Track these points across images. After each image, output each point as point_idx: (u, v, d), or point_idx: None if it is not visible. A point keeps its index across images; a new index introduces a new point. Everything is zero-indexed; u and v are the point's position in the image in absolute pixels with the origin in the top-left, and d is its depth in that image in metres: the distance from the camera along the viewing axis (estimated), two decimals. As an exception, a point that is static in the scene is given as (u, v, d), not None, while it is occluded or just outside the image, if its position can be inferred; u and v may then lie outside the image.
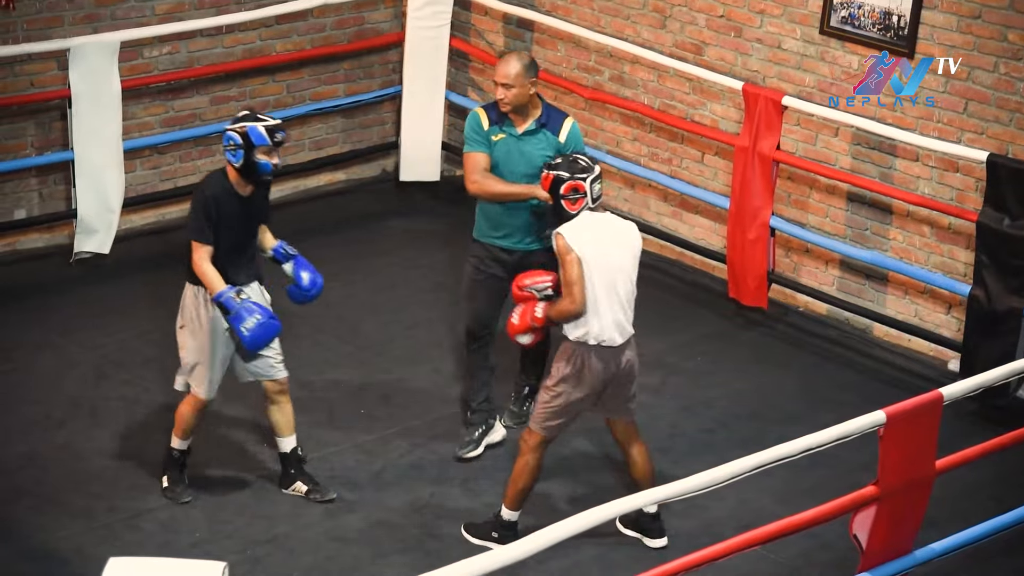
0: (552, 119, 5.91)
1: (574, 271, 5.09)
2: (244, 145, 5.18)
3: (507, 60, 5.90)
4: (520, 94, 5.84)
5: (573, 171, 5.20)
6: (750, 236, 7.07)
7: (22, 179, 7.34)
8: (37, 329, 6.76)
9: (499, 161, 5.87)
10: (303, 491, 5.61)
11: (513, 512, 5.35)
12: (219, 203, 5.23)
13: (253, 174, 5.23)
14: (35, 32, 7.15)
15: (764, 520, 4.74)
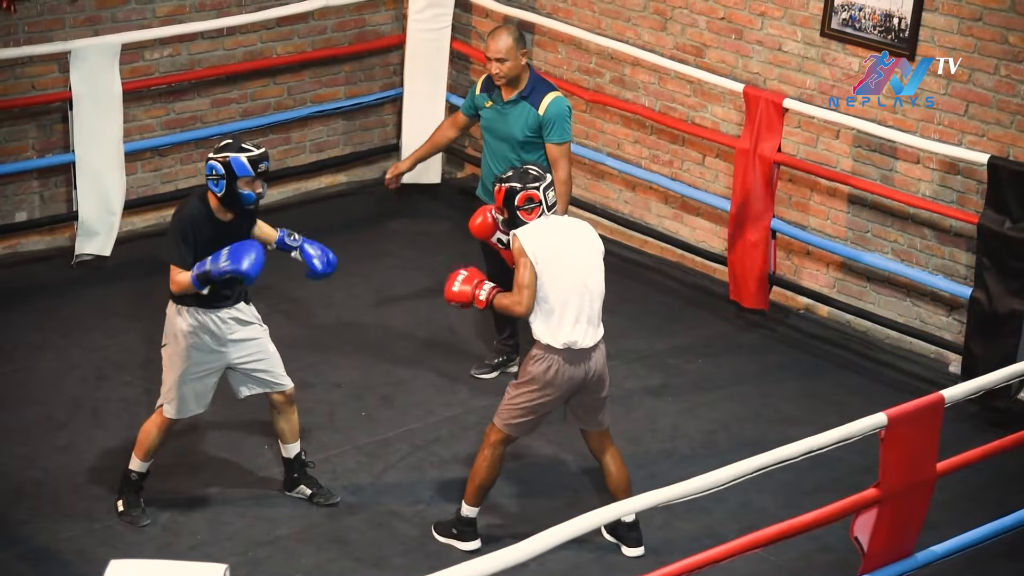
0: (535, 93, 6.11)
1: (526, 275, 5.09)
2: (226, 175, 5.09)
3: (497, 35, 6.09)
4: (513, 67, 6.07)
5: (525, 181, 5.18)
6: (751, 238, 7.07)
7: (23, 181, 7.34)
8: (38, 331, 6.76)
9: (485, 128, 6.22)
10: (307, 494, 5.60)
11: (472, 508, 5.33)
12: (197, 228, 5.14)
13: (235, 204, 5.15)
14: (36, 34, 7.15)
15: (765, 522, 4.74)
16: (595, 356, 5.23)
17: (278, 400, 5.48)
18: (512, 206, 5.17)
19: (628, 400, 6.52)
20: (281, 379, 5.45)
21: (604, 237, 7.97)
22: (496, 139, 6.16)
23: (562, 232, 5.20)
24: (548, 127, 6.09)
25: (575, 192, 8.13)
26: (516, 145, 6.12)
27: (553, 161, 6.14)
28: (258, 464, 5.87)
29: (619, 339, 7.02)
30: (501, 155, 6.17)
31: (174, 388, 5.31)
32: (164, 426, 5.38)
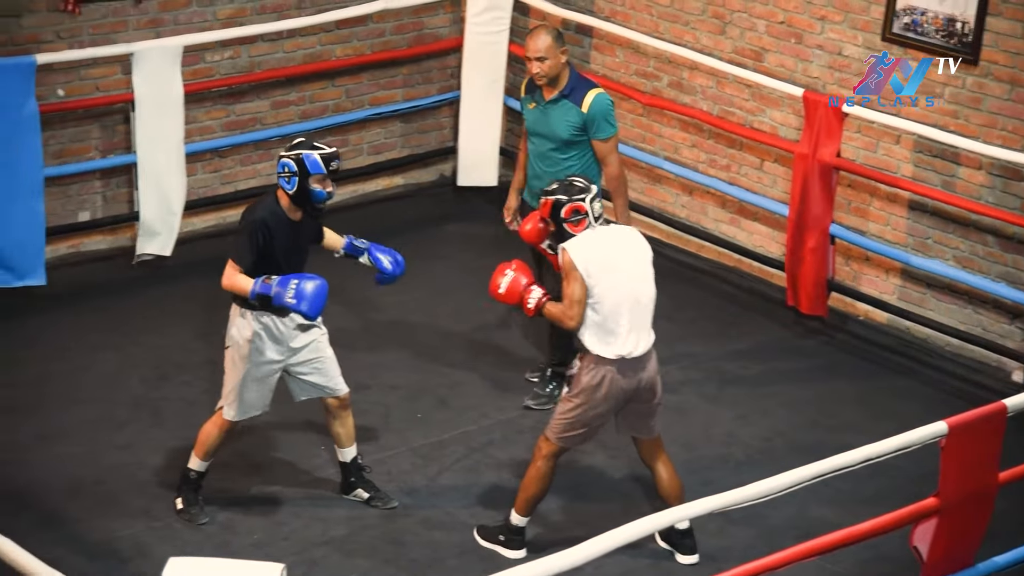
0: (576, 90, 6.06)
1: (577, 290, 5.06)
2: (299, 172, 5.12)
3: (536, 34, 6.06)
4: (553, 65, 6.03)
5: (570, 193, 5.15)
6: (810, 244, 7.02)
7: (86, 182, 7.43)
8: (99, 330, 6.84)
9: (529, 128, 6.20)
10: (364, 498, 5.61)
11: (522, 518, 5.32)
12: (269, 228, 5.15)
13: (306, 202, 5.17)
14: (100, 37, 7.24)
15: (822, 530, 4.71)
16: (647, 364, 5.22)
17: (333, 405, 5.49)
18: (558, 218, 5.14)
19: (683, 406, 6.50)
20: (337, 384, 5.46)
21: (660, 241, 8.02)
22: (540, 139, 6.13)
23: (611, 242, 5.18)
24: (593, 124, 6.06)
25: (631, 196, 8.11)
26: (561, 144, 6.08)
27: (602, 158, 6.12)
28: (314, 465, 5.90)
29: (674, 344, 7.00)
30: (545, 155, 6.12)
31: (235, 390, 5.33)
32: (225, 427, 5.41)
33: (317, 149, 5.17)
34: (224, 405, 5.38)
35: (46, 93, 7.10)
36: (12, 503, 5.53)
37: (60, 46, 7.12)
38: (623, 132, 8.06)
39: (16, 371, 6.46)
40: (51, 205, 7.21)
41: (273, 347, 5.28)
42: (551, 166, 6.09)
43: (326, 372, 5.42)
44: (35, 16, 7.06)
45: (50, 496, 5.62)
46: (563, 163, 6.09)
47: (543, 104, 6.09)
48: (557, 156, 6.09)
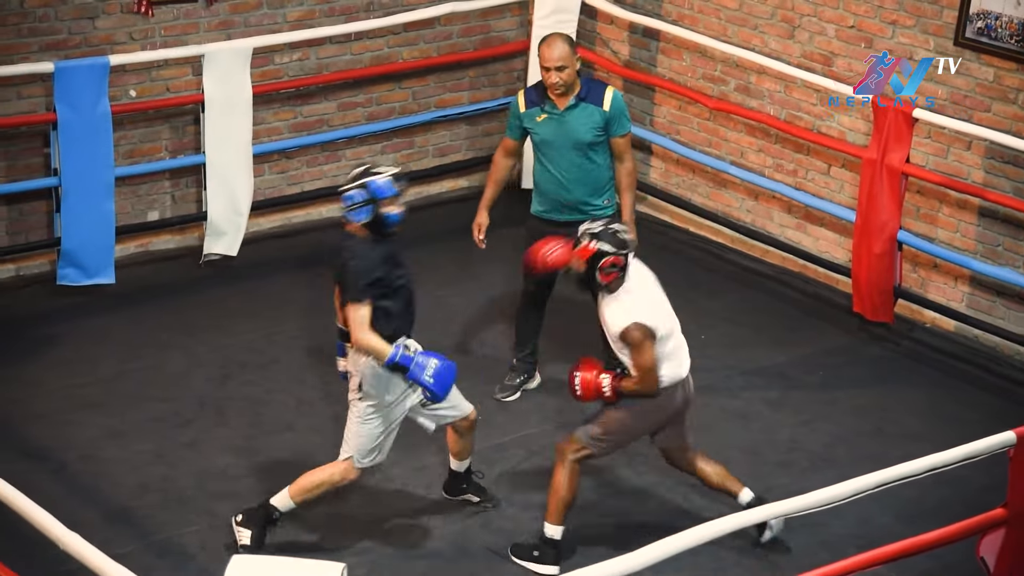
0: (592, 91, 6.02)
1: (650, 357, 5.07)
2: (371, 200, 4.99)
3: (553, 43, 5.97)
4: (571, 73, 5.98)
5: (616, 245, 5.13)
6: (876, 250, 6.95)
7: (156, 182, 7.52)
8: (166, 328, 6.92)
9: (546, 140, 6.05)
10: (475, 500, 5.62)
11: (557, 528, 5.28)
12: (371, 260, 4.99)
13: (382, 227, 5.04)
14: (172, 38, 7.33)
15: (886, 539, 4.67)
16: (690, 381, 5.29)
17: (463, 425, 5.42)
18: (595, 266, 5.12)
19: (746, 411, 6.46)
20: (464, 404, 5.36)
21: (724, 245, 7.99)
22: (559, 148, 6.04)
23: (647, 287, 5.23)
24: (615, 121, 6.03)
25: (696, 200, 8.10)
26: (585, 148, 6.03)
27: (620, 154, 6.10)
28: (377, 466, 5.92)
29: (738, 349, 6.97)
30: (568, 163, 6.05)
31: (375, 441, 5.19)
32: (349, 478, 5.26)
33: (379, 173, 5.05)
34: (354, 455, 5.21)
35: (118, 94, 7.20)
36: (82, 498, 5.61)
37: (133, 47, 7.23)
38: (689, 136, 8.05)
39: (87, 369, 6.56)
40: (121, 204, 7.32)
41: (399, 392, 5.17)
42: (581, 173, 6.05)
43: (452, 400, 5.29)
44: (109, 18, 7.17)
45: (119, 492, 5.69)
46: (589, 167, 6.05)
47: (558, 113, 6.00)
48: (585, 162, 6.05)
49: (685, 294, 7.50)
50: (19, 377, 6.44)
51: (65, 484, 5.70)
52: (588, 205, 6.09)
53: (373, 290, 5.00)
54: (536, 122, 6.04)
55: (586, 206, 6.08)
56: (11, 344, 6.70)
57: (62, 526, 4.07)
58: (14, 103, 7.02)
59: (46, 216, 7.21)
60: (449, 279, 7.41)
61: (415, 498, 5.74)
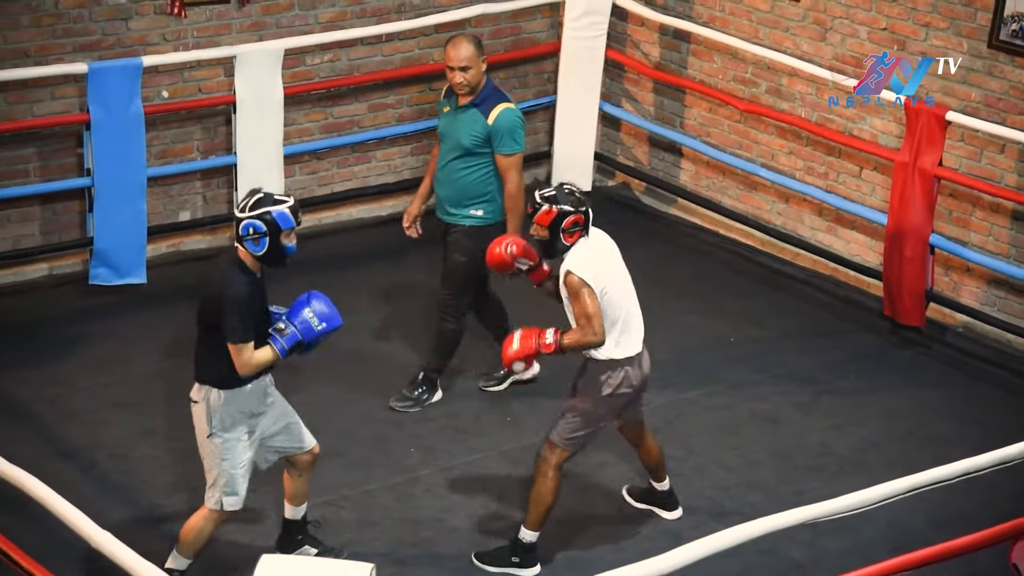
0: (487, 101, 6.02)
1: (592, 304, 5.05)
2: (269, 232, 4.72)
3: (458, 43, 5.99)
4: (476, 75, 5.99)
5: (574, 204, 5.11)
6: (908, 253, 6.92)
7: (188, 182, 7.56)
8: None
9: (441, 132, 6.16)
10: (312, 553, 5.27)
11: (534, 533, 5.27)
12: (251, 298, 4.76)
13: (279, 259, 4.78)
14: (204, 39, 7.37)
15: (917, 544, 4.64)
16: (646, 356, 5.28)
17: (304, 461, 5.10)
18: (558, 229, 5.11)
19: (776, 415, 6.44)
20: (307, 435, 5.09)
21: (754, 248, 7.97)
22: (445, 144, 6.08)
23: (601, 248, 5.21)
24: (497, 138, 6.00)
25: (727, 202, 8.07)
26: (463, 152, 6.03)
27: (502, 172, 6.07)
28: (405, 466, 5.95)
29: (768, 353, 6.95)
30: (446, 161, 6.05)
31: (232, 478, 4.89)
32: (220, 520, 5.00)
33: (279, 203, 4.77)
34: (220, 496, 4.91)
35: (151, 94, 7.24)
36: (113, 497, 5.65)
37: (166, 48, 7.27)
38: (719, 138, 8.03)
39: (118, 368, 6.60)
40: (153, 205, 7.36)
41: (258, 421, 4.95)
42: (452, 175, 6.06)
43: (296, 430, 5.05)
44: (143, 19, 7.21)
45: (149, 491, 5.73)
46: (459, 172, 6.06)
47: (454, 110, 6.05)
48: (458, 166, 6.05)
49: (714, 296, 7.50)
50: (51, 376, 6.49)
51: (96, 482, 5.74)
52: (451, 207, 6.10)
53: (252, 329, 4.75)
54: (442, 113, 6.16)
55: (449, 208, 6.10)
56: (44, 343, 6.75)
57: (94, 524, 4.10)
58: (48, 103, 7.08)
59: (79, 216, 7.26)
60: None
61: (443, 499, 5.75)
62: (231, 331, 4.75)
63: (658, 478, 5.60)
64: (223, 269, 4.85)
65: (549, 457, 5.22)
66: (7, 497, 4.76)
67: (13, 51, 6.95)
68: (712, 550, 4.00)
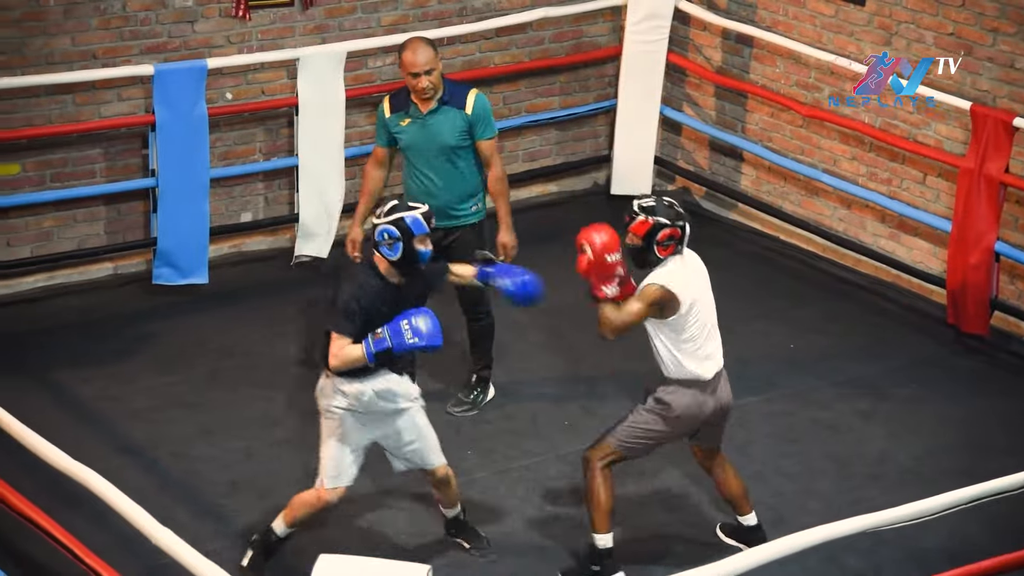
0: (455, 95, 5.94)
1: (643, 313, 4.99)
2: (402, 237, 4.90)
3: (418, 47, 5.88)
4: (439, 76, 5.90)
5: (672, 217, 5.05)
6: (972, 261, 6.84)
7: (249, 183, 7.63)
8: (258, 328, 7.01)
9: (410, 144, 5.97)
10: (466, 548, 5.44)
11: (607, 536, 5.21)
12: (371, 299, 4.89)
13: (412, 264, 4.95)
14: (268, 42, 7.43)
15: (977, 556, 4.59)
16: (724, 379, 5.22)
17: (433, 480, 5.25)
18: (652, 240, 5.05)
19: (835, 422, 6.39)
20: (431, 459, 5.19)
21: (815, 254, 7.91)
22: (424, 153, 5.95)
23: (692, 267, 5.15)
24: (479, 124, 5.96)
25: (788, 208, 8.02)
26: (450, 153, 5.96)
27: (487, 158, 6.04)
28: (462, 468, 5.96)
29: (828, 359, 6.89)
30: (433, 167, 5.97)
31: (335, 460, 5.08)
32: (324, 500, 5.14)
33: (413, 209, 4.97)
34: (323, 477, 5.11)
35: (215, 96, 7.32)
36: (173, 495, 5.71)
37: (230, 51, 7.34)
38: (782, 143, 7.98)
39: (180, 367, 6.67)
40: (215, 205, 7.43)
41: (364, 418, 5.08)
42: (447, 177, 5.98)
43: (422, 451, 5.17)
44: (208, 22, 7.28)
45: (209, 489, 5.78)
46: (453, 172, 5.99)
47: (421, 117, 5.92)
48: (450, 167, 5.98)
49: (775, 303, 7.46)
50: (115, 374, 6.57)
51: (158, 480, 5.81)
52: (455, 210, 6.04)
53: (359, 323, 4.85)
54: (401, 126, 5.96)
55: (452, 211, 6.03)
56: (108, 342, 6.84)
57: (155, 521, 4.15)
58: (115, 105, 7.17)
59: (143, 216, 7.35)
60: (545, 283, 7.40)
61: (498, 500, 5.76)
62: (333, 317, 4.91)
63: (741, 511, 5.42)
64: (356, 268, 5.08)
65: (592, 457, 5.20)
66: (71, 493, 4.83)
67: (81, 53, 7.05)
68: (770, 557, 3.97)
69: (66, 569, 4.73)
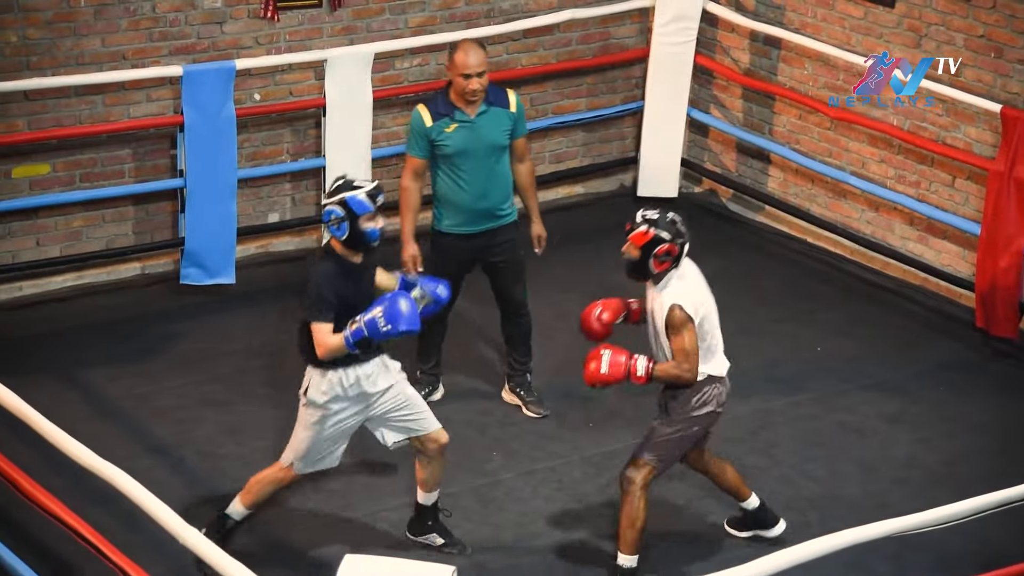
0: (497, 96, 5.95)
1: (692, 342, 5.01)
2: (347, 216, 4.88)
3: (470, 49, 5.86)
4: (487, 78, 5.89)
5: (673, 234, 5.04)
6: (1002, 264, 6.80)
7: (277, 184, 7.66)
8: (285, 329, 7.01)
9: (460, 149, 5.89)
10: (437, 543, 5.40)
11: (633, 557, 5.20)
12: (336, 282, 4.92)
13: (361, 244, 4.95)
14: (296, 43, 7.46)
15: (1004, 561, 4.57)
16: (727, 384, 5.26)
17: (431, 447, 5.24)
18: (649, 252, 5.02)
19: (862, 426, 6.36)
20: (433, 424, 5.23)
21: (843, 257, 7.88)
22: (474, 156, 5.89)
23: (694, 278, 5.16)
24: (520, 122, 5.99)
25: (815, 211, 7.99)
26: (499, 153, 5.94)
27: (522, 154, 6.07)
28: (487, 469, 5.97)
29: (855, 363, 6.86)
30: (483, 169, 5.93)
31: (307, 447, 5.11)
32: (286, 480, 5.21)
33: (358, 188, 4.93)
34: (293, 459, 5.15)
35: (243, 97, 7.35)
36: (200, 494, 5.73)
37: (258, 52, 7.37)
38: (809, 145, 7.95)
39: (207, 366, 6.69)
40: (242, 206, 7.46)
41: (351, 405, 5.10)
42: (494, 178, 5.97)
43: (416, 413, 5.19)
44: (237, 23, 7.31)
45: (236, 489, 5.77)
46: (501, 172, 6.01)
47: (470, 121, 5.88)
48: (497, 167, 5.97)
49: (801, 305, 7.43)
50: (142, 373, 6.60)
51: (185, 479, 5.83)
52: (500, 210, 6.05)
53: (334, 308, 4.89)
54: (446, 133, 5.87)
55: (499, 211, 6.04)
56: (135, 341, 6.88)
57: (182, 520, 4.16)
58: (143, 105, 7.21)
59: (171, 216, 7.38)
60: (566, 285, 7.41)
61: (523, 501, 5.75)
62: (307, 308, 4.96)
63: (741, 497, 5.46)
64: (317, 256, 5.06)
65: (635, 477, 5.17)
66: (98, 492, 4.86)
67: (111, 54, 7.09)
68: (796, 561, 3.96)
69: (94, 567, 4.76)
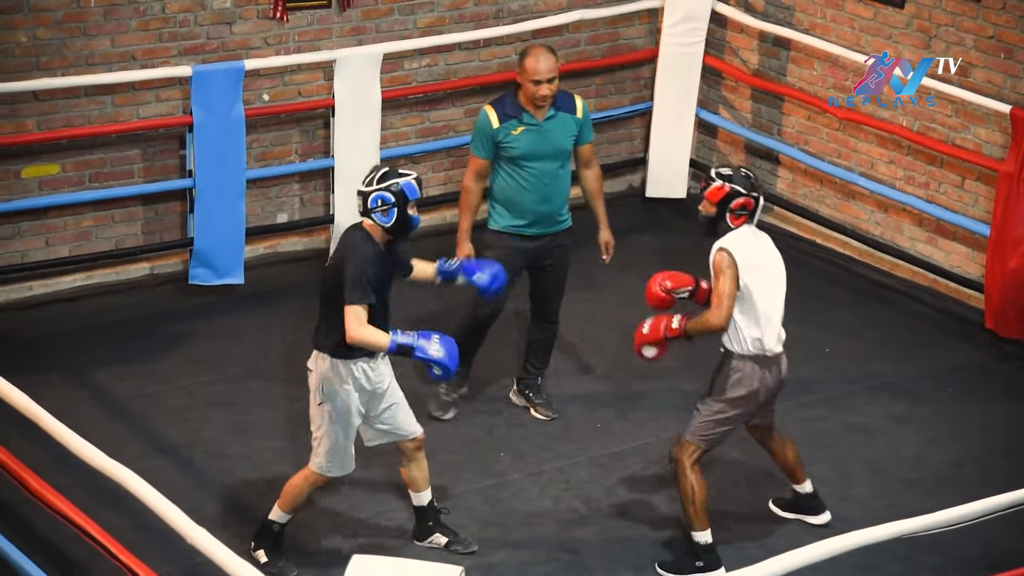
0: (564, 101, 5.97)
1: (730, 287, 5.02)
2: (397, 203, 4.94)
3: (541, 55, 5.87)
4: (557, 84, 5.90)
5: (747, 187, 5.09)
6: (1011, 265, 6.79)
7: (285, 184, 7.66)
8: (293, 328, 7.03)
9: (526, 152, 5.92)
10: (442, 543, 5.40)
11: (706, 532, 5.25)
12: (374, 267, 4.93)
13: (405, 230, 4.99)
14: (305, 43, 7.46)
15: (1015, 562, 4.56)
16: (784, 359, 5.26)
17: (410, 447, 5.25)
18: (726, 207, 5.09)
19: (870, 427, 6.36)
20: (413, 424, 5.23)
21: (851, 258, 7.88)
22: (540, 159, 5.92)
23: (762, 245, 5.19)
24: (587, 127, 6.01)
25: (824, 212, 7.98)
26: (564, 157, 5.98)
27: (588, 160, 6.10)
28: (495, 470, 5.97)
29: (864, 364, 6.86)
30: (547, 173, 5.94)
31: (337, 446, 5.11)
32: (318, 484, 5.23)
33: (404, 175, 5.02)
34: (320, 463, 5.14)
35: (252, 97, 7.35)
36: (208, 494, 5.74)
37: (267, 52, 7.37)
38: (818, 147, 7.94)
39: (216, 366, 6.70)
40: (251, 206, 7.46)
41: (359, 395, 5.10)
42: (558, 183, 5.99)
43: (400, 416, 5.19)
44: (246, 23, 7.32)
45: (244, 489, 5.81)
46: (566, 176, 6.05)
47: (537, 124, 5.91)
48: (561, 171, 6.00)
49: (810, 306, 7.42)
50: (151, 373, 6.61)
51: (193, 479, 5.84)
52: (560, 215, 6.07)
53: (371, 290, 4.94)
54: (513, 135, 5.90)
55: (559, 216, 6.07)
56: (144, 341, 6.88)
57: (190, 520, 4.17)
58: (153, 106, 7.22)
59: (180, 217, 7.39)
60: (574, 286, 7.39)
61: (531, 502, 5.75)
62: (350, 291, 4.90)
63: (797, 479, 5.54)
64: (352, 238, 5.03)
65: (681, 456, 5.24)
66: (107, 491, 4.86)
67: (121, 54, 7.10)
68: (805, 562, 3.96)
69: (102, 566, 4.77)
